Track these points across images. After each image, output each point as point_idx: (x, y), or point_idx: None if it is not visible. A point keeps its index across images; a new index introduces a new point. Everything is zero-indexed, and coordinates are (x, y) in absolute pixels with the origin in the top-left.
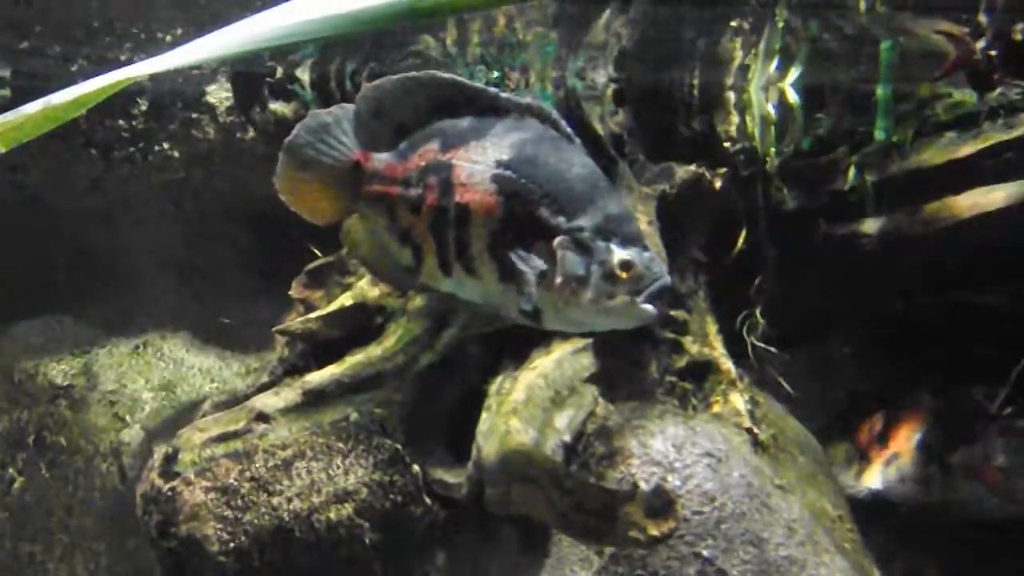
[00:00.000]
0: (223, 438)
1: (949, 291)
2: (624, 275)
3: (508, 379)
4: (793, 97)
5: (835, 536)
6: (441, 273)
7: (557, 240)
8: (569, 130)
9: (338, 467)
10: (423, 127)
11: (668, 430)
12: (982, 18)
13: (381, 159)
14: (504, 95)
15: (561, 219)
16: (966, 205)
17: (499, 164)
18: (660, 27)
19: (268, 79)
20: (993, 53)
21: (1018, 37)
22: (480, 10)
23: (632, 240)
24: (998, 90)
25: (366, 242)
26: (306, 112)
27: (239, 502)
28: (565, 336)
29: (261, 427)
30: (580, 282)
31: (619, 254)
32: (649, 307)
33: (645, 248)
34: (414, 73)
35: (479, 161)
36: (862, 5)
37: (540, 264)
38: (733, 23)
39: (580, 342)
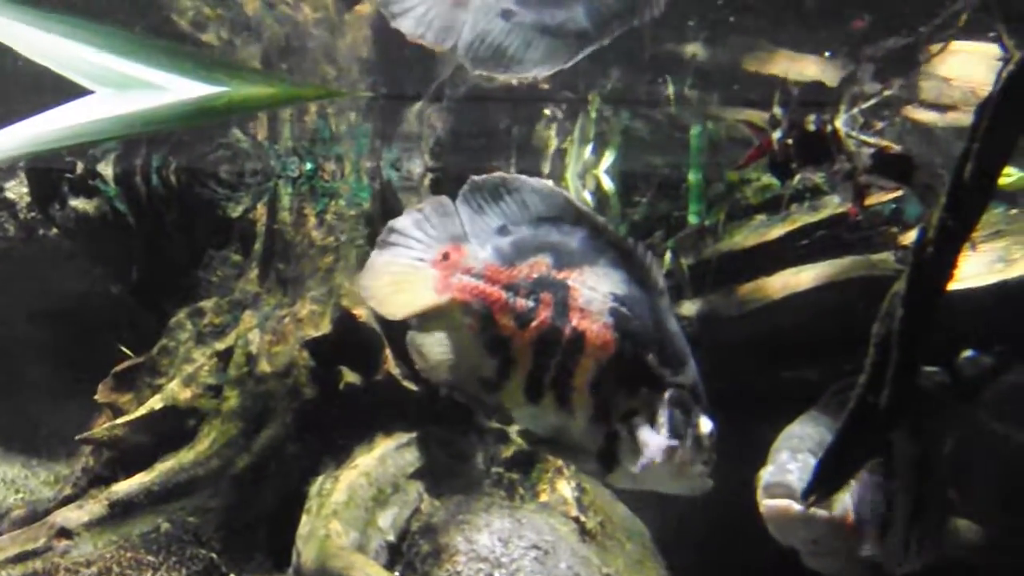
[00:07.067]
0: (20, 558)
1: (768, 369)
2: (708, 444)
3: (329, 479)
4: (608, 183)
5: None
6: (524, 397)
7: (669, 394)
8: (662, 282)
9: None
10: (529, 234)
11: (495, 523)
12: (777, 110)
13: (479, 256)
14: (610, 227)
15: (666, 371)
16: (778, 286)
17: (615, 298)
18: (474, 116)
19: (68, 174)
20: (790, 142)
21: (810, 128)
22: (272, 109)
23: (708, 408)
24: (798, 177)
25: (441, 344)
26: (110, 208)
27: None
28: (387, 431)
29: (63, 544)
30: (677, 442)
31: (706, 423)
32: (711, 482)
33: (713, 418)
34: (525, 176)
35: (596, 289)
36: (671, 92)
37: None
38: (547, 111)
39: (404, 437)
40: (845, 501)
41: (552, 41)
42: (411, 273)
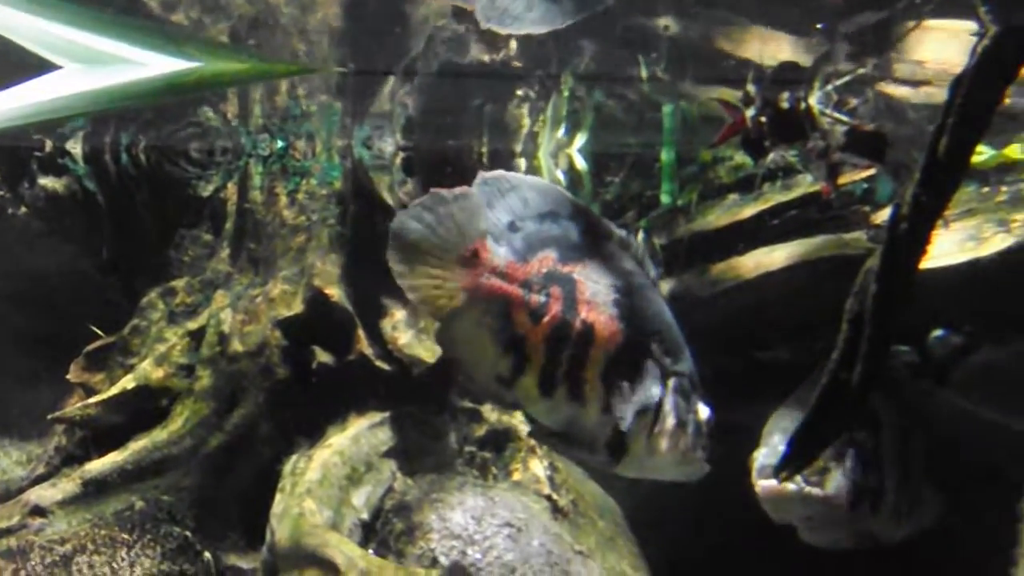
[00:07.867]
0: None
1: (741, 349)
2: (706, 430)
3: (303, 458)
4: (580, 163)
5: None
6: (538, 391)
7: (673, 382)
8: (653, 272)
9: (123, 560)
10: (534, 229)
11: (468, 502)
12: (751, 87)
13: (501, 254)
14: (604, 219)
15: (668, 360)
16: (750, 265)
17: (617, 289)
18: (446, 95)
19: (36, 152)
20: (763, 120)
21: (784, 106)
22: (244, 85)
23: (704, 396)
24: (771, 155)
25: (468, 341)
26: (80, 187)
27: None
28: (360, 410)
29: (37, 522)
30: (681, 429)
31: (704, 409)
32: (708, 466)
33: (709, 404)
34: (525, 175)
35: (599, 282)
36: (644, 72)
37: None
38: (519, 91)
39: (377, 416)
40: (837, 477)
41: (550, 5)
42: (443, 266)
